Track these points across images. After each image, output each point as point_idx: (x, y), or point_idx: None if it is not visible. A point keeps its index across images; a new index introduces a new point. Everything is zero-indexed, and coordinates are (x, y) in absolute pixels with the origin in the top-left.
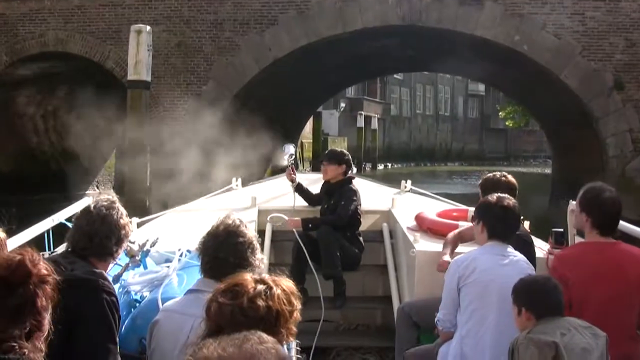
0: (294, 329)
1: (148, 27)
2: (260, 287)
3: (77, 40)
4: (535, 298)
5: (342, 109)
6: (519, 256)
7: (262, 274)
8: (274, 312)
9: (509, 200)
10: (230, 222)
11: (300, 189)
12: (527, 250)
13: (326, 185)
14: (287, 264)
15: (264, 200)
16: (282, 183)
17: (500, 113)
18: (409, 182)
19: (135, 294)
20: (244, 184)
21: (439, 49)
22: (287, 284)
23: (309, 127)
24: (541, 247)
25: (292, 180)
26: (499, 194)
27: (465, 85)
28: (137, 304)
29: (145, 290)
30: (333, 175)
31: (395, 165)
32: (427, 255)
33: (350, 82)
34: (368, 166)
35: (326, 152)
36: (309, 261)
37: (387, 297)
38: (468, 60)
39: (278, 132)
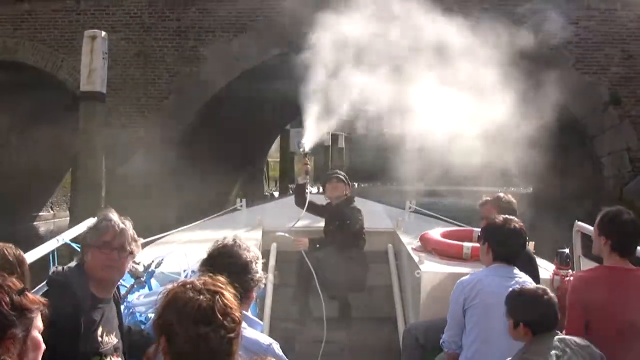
0: None
1: (103, 33)
2: (217, 298)
3: (27, 48)
4: (533, 314)
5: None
6: (524, 277)
7: (189, 282)
8: (237, 306)
9: (516, 223)
10: (225, 242)
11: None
12: (531, 266)
13: (329, 206)
14: (292, 285)
15: (268, 220)
16: (286, 204)
17: None
18: (414, 202)
19: (141, 315)
20: (248, 205)
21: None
22: (215, 279)
23: (275, 145)
24: (546, 268)
25: (307, 172)
26: (506, 216)
27: None
28: (143, 325)
29: (150, 311)
30: (341, 193)
31: (362, 185)
32: (433, 276)
33: None
34: None
35: (330, 172)
36: (316, 281)
37: (392, 318)
38: None
39: (244, 151)
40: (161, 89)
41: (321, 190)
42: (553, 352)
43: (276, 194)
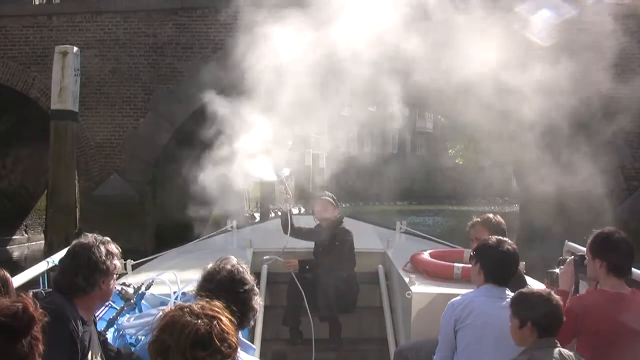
0: None
1: (75, 48)
2: (215, 323)
3: None
4: (541, 312)
5: (289, 147)
6: None
7: (187, 306)
8: (234, 331)
9: (510, 245)
10: (233, 268)
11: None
12: (522, 286)
13: (318, 228)
14: (282, 306)
15: (258, 242)
16: (277, 226)
17: (450, 150)
18: (404, 222)
19: (131, 337)
20: (238, 226)
21: None
22: (211, 304)
23: None
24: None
25: (287, 200)
26: (499, 237)
27: (413, 122)
28: (133, 348)
29: (140, 334)
30: (330, 214)
31: (344, 205)
32: (423, 297)
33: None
34: None
35: (321, 193)
36: (306, 303)
37: (383, 339)
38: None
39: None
40: (137, 107)
41: (302, 210)
42: None
43: (257, 215)
